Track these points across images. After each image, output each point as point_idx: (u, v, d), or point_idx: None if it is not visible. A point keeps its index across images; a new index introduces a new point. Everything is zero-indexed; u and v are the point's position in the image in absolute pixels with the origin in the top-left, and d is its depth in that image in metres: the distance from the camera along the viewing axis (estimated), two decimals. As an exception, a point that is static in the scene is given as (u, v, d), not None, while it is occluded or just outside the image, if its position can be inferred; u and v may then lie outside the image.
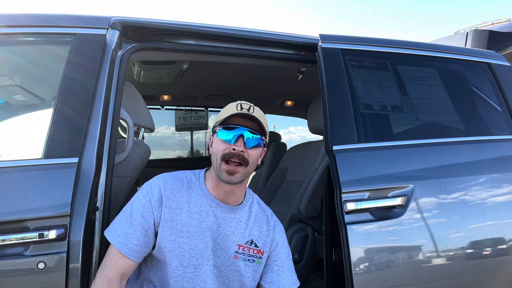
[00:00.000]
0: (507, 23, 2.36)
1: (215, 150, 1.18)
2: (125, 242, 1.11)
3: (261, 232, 1.26)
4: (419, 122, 1.66)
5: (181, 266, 1.16)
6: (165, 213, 1.16)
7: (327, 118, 1.48)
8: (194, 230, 1.17)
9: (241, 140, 1.15)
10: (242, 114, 1.16)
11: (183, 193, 1.19)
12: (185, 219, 1.17)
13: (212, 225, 1.19)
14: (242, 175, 1.15)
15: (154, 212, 1.15)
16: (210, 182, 1.22)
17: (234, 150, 1.13)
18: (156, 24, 1.50)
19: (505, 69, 1.84)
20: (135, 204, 1.16)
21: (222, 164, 1.14)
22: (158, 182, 1.19)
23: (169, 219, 1.16)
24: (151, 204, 1.15)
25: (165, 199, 1.16)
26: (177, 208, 1.17)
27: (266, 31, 1.65)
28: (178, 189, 1.19)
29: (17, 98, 1.68)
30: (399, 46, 1.72)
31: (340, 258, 1.38)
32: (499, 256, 1.51)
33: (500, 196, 1.54)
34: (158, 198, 1.16)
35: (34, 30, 1.39)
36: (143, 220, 1.14)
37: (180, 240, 1.16)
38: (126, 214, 1.15)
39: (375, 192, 1.40)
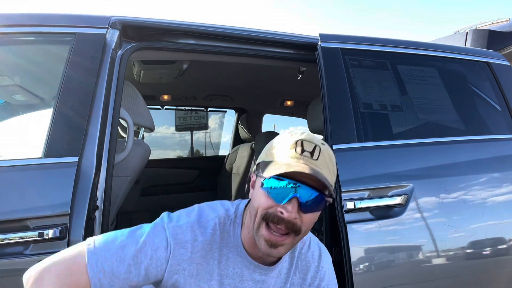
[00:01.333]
0: (507, 22, 2.36)
1: (256, 201, 0.85)
2: (104, 283, 0.81)
3: (305, 280, 0.97)
4: (419, 121, 1.66)
5: None
6: (186, 281, 0.87)
7: (327, 117, 1.48)
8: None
9: (295, 202, 0.80)
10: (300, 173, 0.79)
11: (214, 252, 0.89)
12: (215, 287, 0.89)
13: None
14: (288, 247, 0.85)
15: (167, 275, 0.86)
16: (246, 235, 0.90)
17: (282, 214, 0.80)
18: (156, 24, 1.50)
19: (505, 69, 1.84)
20: (147, 246, 0.84)
21: (262, 227, 0.82)
22: (186, 239, 0.87)
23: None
24: (167, 263, 0.85)
25: (191, 266, 0.87)
26: (206, 273, 0.88)
27: (266, 30, 1.65)
28: (209, 248, 0.88)
29: (17, 98, 1.68)
30: (399, 46, 1.72)
31: (340, 257, 1.38)
32: (498, 255, 1.51)
33: (500, 196, 1.54)
34: (179, 262, 0.86)
35: (34, 29, 1.39)
36: (144, 276, 0.84)
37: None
38: (128, 250, 0.83)
39: (375, 191, 1.40)
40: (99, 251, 0.82)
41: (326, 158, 0.84)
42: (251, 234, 0.87)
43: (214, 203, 0.96)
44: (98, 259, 0.81)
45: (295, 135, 0.86)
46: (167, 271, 0.85)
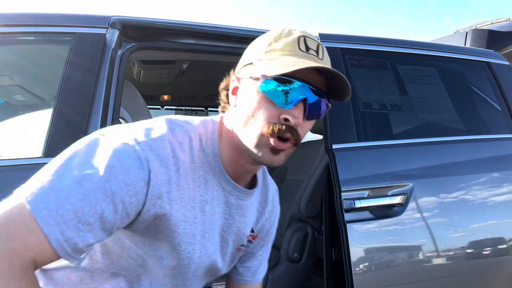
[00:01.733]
0: (507, 22, 2.36)
1: (249, 109, 0.71)
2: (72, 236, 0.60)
3: (262, 214, 0.93)
4: (419, 121, 1.66)
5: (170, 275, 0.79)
6: (172, 207, 0.71)
7: (326, 117, 1.48)
8: (207, 228, 0.78)
9: (301, 107, 0.69)
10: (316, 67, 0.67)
11: (194, 173, 0.74)
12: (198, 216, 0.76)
13: (221, 218, 0.81)
14: (287, 157, 0.75)
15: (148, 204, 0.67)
16: (226, 152, 0.77)
17: (288, 122, 0.68)
18: (156, 24, 1.50)
19: (505, 68, 1.84)
20: (114, 170, 0.63)
21: (266, 138, 0.70)
22: (165, 155, 0.69)
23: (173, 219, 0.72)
24: (148, 187, 0.67)
25: (174, 188, 0.71)
26: (189, 198, 0.73)
27: (266, 30, 1.65)
28: (189, 167, 0.73)
29: (17, 98, 1.68)
30: (398, 46, 1.72)
31: (340, 257, 1.38)
32: (498, 255, 1.51)
33: (500, 195, 1.54)
34: (161, 184, 0.68)
35: (34, 29, 1.39)
36: (122, 212, 0.65)
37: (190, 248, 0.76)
38: (88, 183, 0.62)
39: (375, 190, 1.40)
40: (45, 196, 0.59)
41: (329, 59, 0.75)
42: (235, 151, 0.75)
43: (182, 118, 0.78)
44: (49, 207, 0.58)
45: (292, 30, 0.73)
46: (148, 197, 0.66)
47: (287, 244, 1.74)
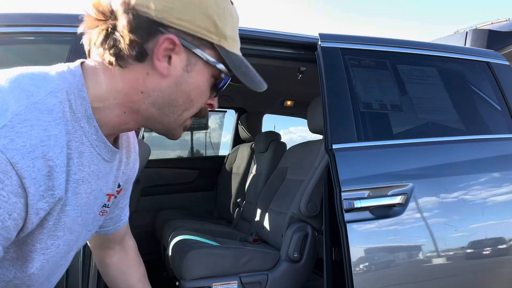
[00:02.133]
0: (507, 22, 2.36)
1: (194, 93, 0.64)
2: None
3: (127, 165, 0.80)
4: (419, 121, 1.66)
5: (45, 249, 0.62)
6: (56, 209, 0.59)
7: (326, 117, 1.48)
8: (79, 212, 0.65)
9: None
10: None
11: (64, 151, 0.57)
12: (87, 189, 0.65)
13: (98, 193, 0.69)
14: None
15: (32, 216, 0.54)
16: (112, 115, 0.63)
17: (212, 107, 0.70)
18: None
19: (505, 68, 1.84)
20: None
21: (191, 118, 0.68)
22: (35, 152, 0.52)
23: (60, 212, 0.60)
24: (27, 201, 0.52)
25: (62, 184, 0.57)
26: (83, 179, 0.62)
27: (266, 30, 1.65)
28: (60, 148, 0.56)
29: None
30: (398, 46, 1.73)
31: (340, 257, 1.38)
32: (499, 255, 1.51)
33: (500, 195, 1.54)
34: (44, 181, 0.54)
35: (34, 29, 1.39)
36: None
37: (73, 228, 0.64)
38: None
39: (375, 190, 1.40)
40: None
41: None
42: (130, 115, 0.64)
43: (31, 72, 0.58)
44: None
45: (232, 4, 0.68)
46: (29, 208, 0.52)
47: (287, 244, 1.74)
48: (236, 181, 3.04)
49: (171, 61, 0.61)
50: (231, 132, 3.78)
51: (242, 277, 1.65)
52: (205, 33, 0.62)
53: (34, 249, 0.59)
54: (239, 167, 3.13)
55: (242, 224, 2.59)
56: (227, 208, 3.05)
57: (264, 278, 1.68)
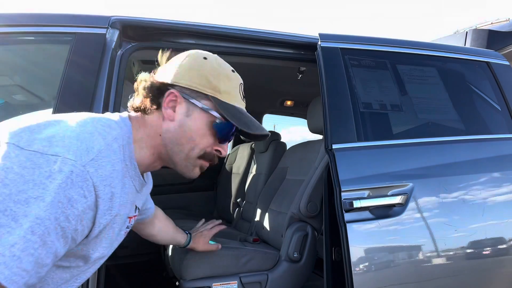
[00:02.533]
0: (507, 22, 2.36)
1: (195, 135, 0.82)
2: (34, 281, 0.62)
3: (146, 195, 1.06)
4: (419, 121, 1.66)
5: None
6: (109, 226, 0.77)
7: (326, 117, 1.48)
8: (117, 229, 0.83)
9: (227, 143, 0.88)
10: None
11: (120, 181, 0.77)
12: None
13: (129, 213, 0.88)
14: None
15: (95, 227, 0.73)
16: (144, 156, 0.84)
17: (218, 152, 0.86)
18: (156, 23, 1.50)
19: (505, 68, 1.84)
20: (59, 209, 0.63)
21: (198, 161, 0.85)
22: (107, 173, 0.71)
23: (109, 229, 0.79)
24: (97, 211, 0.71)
25: (117, 206, 0.75)
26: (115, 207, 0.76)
27: (266, 30, 1.65)
28: (121, 176, 0.77)
29: (17, 98, 1.68)
30: (398, 45, 1.73)
31: (340, 257, 1.38)
32: (499, 255, 1.51)
33: (500, 195, 1.54)
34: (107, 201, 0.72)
35: (34, 29, 1.39)
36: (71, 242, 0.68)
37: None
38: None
39: (375, 190, 1.40)
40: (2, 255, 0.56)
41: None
42: (156, 154, 0.85)
43: (103, 121, 0.77)
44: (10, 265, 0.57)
45: (233, 72, 0.88)
46: (96, 220, 0.70)
47: (287, 244, 1.74)
48: (236, 181, 3.04)
49: (176, 109, 0.83)
50: (231, 132, 3.78)
51: (242, 277, 1.65)
52: (200, 87, 0.82)
53: (88, 254, 0.77)
54: (239, 167, 3.13)
55: (242, 224, 2.59)
56: (227, 208, 3.05)
57: (264, 278, 1.68)
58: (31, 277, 0.60)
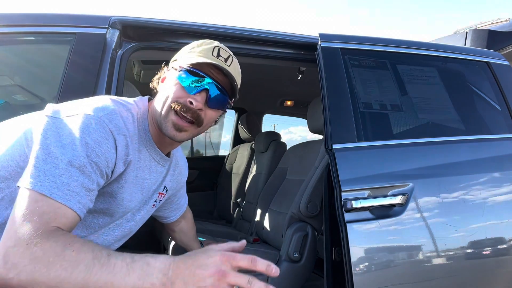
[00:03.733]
0: (507, 22, 2.36)
1: (167, 92, 0.94)
2: (86, 201, 0.80)
3: (173, 176, 1.17)
4: (419, 121, 1.66)
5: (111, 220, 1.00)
6: (131, 169, 0.94)
7: (326, 117, 1.48)
8: (142, 191, 1.02)
9: (203, 95, 0.93)
10: (216, 65, 0.93)
11: (135, 143, 0.94)
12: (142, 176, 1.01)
13: (151, 183, 1.05)
14: (190, 135, 0.97)
15: (117, 167, 0.89)
16: (154, 129, 0.99)
17: (192, 104, 0.92)
18: (156, 24, 1.50)
19: (505, 69, 1.84)
20: (90, 146, 0.80)
21: (171, 113, 0.92)
22: (120, 125, 0.87)
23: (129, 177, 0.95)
24: (116, 152, 0.86)
25: (130, 153, 0.91)
26: (133, 163, 0.94)
27: (266, 30, 1.65)
28: (135, 138, 0.94)
29: (17, 98, 1.68)
30: (398, 46, 1.73)
31: (340, 257, 1.38)
32: (499, 255, 1.51)
33: (500, 195, 1.54)
34: (122, 149, 0.88)
35: (34, 29, 1.39)
36: (102, 176, 0.85)
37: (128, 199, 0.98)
38: (78, 160, 0.78)
39: (375, 190, 1.40)
40: (54, 182, 0.74)
41: (236, 68, 1.00)
42: (157, 127, 0.96)
43: (119, 98, 0.95)
44: (62, 188, 0.74)
45: (212, 42, 0.99)
46: (117, 159, 0.87)
47: (287, 244, 1.74)
48: (236, 181, 3.05)
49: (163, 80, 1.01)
50: (231, 132, 3.79)
51: (242, 277, 1.65)
52: (176, 57, 1.01)
53: (116, 196, 0.94)
54: (239, 167, 3.13)
55: (242, 224, 2.60)
56: (227, 208, 3.05)
57: (264, 278, 1.68)
58: (82, 197, 0.78)
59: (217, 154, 3.92)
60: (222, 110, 1.01)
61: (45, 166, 0.75)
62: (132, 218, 1.06)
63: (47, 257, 0.67)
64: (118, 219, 1.01)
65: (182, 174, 1.26)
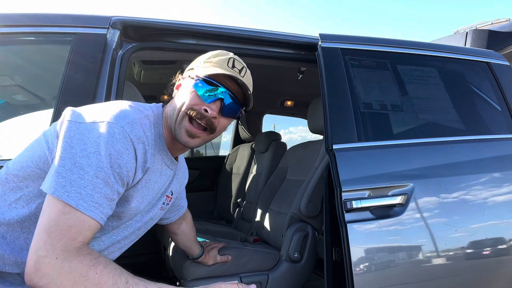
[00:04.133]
0: (507, 22, 2.36)
1: (182, 98, 0.99)
2: (108, 211, 0.85)
3: (177, 179, 1.20)
4: (419, 121, 1.66)
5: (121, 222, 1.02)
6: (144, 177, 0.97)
7: (327, 117, 1.48)
8: (152, 193, 1.04)
9: (218, 104, 0.98)
10: (231, 76, 0.98)
11: (151, 148, 0.97)
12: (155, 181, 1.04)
13: (161, 186, 1.08)
14: (202, 142, 1.01)
15: (137, 175, 0.93)
16: (167, 134, 1.03)
17: (206, 112, 0.96)
18: (157, 24, 1.50)
19: (505, 69, 1.84)
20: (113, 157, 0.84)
21: (185, 120, 0.97)
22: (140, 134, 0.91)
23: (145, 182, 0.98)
24: (136, 161, 0.91)
25: (148, 160, 0.94)
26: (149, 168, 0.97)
27: (267, 30, 1.66)
28: (151, 143, 0.97)
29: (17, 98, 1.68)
30: (398, 46, 1.73)
31: (340, 257, 1.38)
32: (499, 255, 1.51)
33: (500, 196, 1.54)
34: (141, 158, 0.92)
35: (35, 29, 1.39)
36: (123, 185, 0.90)
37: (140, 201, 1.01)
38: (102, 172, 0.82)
39: (375, 190, 1.40)
40: (78, 194, 0.79)
41: (249, 79, 1.06)
42: (170, 133, 1.01)
43: (136, 104, 0.98)
44: (86, 200, 0.79)
45: (227, 53, 1.05)
46: (136, 169, 0.91)
47: (288, 244, 1.74)
48: (236, 181, 3.05)
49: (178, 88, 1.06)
50: (231, 132, 3.79)
51: (243, 277, 1.65)
52: (192, 66, 1.05)
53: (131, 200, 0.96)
54: (239, 167, 3.13)
55: (242, 224, 2.60)
56: (227, 208, 3.05)
57: (265, 278, 1.68)
58: (104, 207, 0.82)
59: (217, 154, 3.93)
60: (234, 118, 1.06)
61: (72, 176, 0.79)
62: (140, 220, 1.08)
63: (73, 276, 0.74)
64: (128, 220, 1.03)
65: (184, 176, 1.30)
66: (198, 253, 1.57)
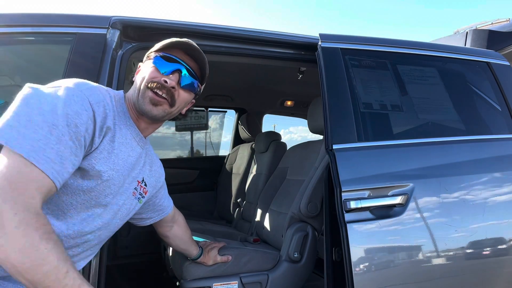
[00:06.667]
0: (507, 22, 2.36)
1: (142, 75, 1.05)
2: (60, 169, 0.83)
3: (151, 172, 1.21)
4: (419, 121, 1.66)
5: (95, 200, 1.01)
6: (106, 140, 0.97)
7: (327, 117, 1.48)
8: (121, 163, 1.03)
9: (176, 75, 1.05)
10: (186, 49, 1.07)
11: (115, 118, 1.01)
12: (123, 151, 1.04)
13: (133, 162, 1.08)
14: (164, 112, 1.05)
15: (97, 138, 0.94)
16: (130, 112, 1.07)
17: (166, 82, 1.02)
18: (157, 24, 1.50)
19: (505, 69, 1.84)
20: (70, 117, 0.86)
21: (147, 91, 1.02)
22: (99, 99, 0.95)
23: (109, 148, 0.98)
24: (94, 123, 0.92)
25: (109, 124, 0.97)
26: (114, 135, 1.00)
27: (267, 30, 1.65)
28: (112, 113, 1.00)
29: (18, 98, 1.67)
30: (399, 46, 1.73)
31: (340, 257, 1.38)
32: (499, 255, 1.51)
33: (500, 196, 1.54)
34: (101, 120, 0.94)
35: (34, 29, 1.39)
36: (82, 146, 0.90)
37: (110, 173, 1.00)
38: (57, 130, 0.83)
39: (375, 190, 1.40)
40: (32, 147, 0.79)
41: (204, 58, 1.12)
42: (134, 111, 1.06)
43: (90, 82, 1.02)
44: (38, 152, 0.80)
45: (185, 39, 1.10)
46: (96, 130, 0.92)
47: (288, 244, 1.74)
48: (236, 181, 3.05)
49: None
50: (231, 132, 3.79)
51: (243, 277, 1.65)
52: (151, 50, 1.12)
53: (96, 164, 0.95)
54: (239, 167, 3.13)
55: (242, 224, 2.60)
56: (227, 208, 3.05)
57: (265, 278, 1.68)
58: (56, 164, 0.82)
59: (217, 154, 3.93)
60: (193, 92, 1.12)
61: (26, 131, 0.80)
62: (113, 200, 1.04)
63: (24, 243, 0.72)
64: (101, 195, 1.00)
65: (160, 173, 1.30)
66: (196, 254, 1.57)
